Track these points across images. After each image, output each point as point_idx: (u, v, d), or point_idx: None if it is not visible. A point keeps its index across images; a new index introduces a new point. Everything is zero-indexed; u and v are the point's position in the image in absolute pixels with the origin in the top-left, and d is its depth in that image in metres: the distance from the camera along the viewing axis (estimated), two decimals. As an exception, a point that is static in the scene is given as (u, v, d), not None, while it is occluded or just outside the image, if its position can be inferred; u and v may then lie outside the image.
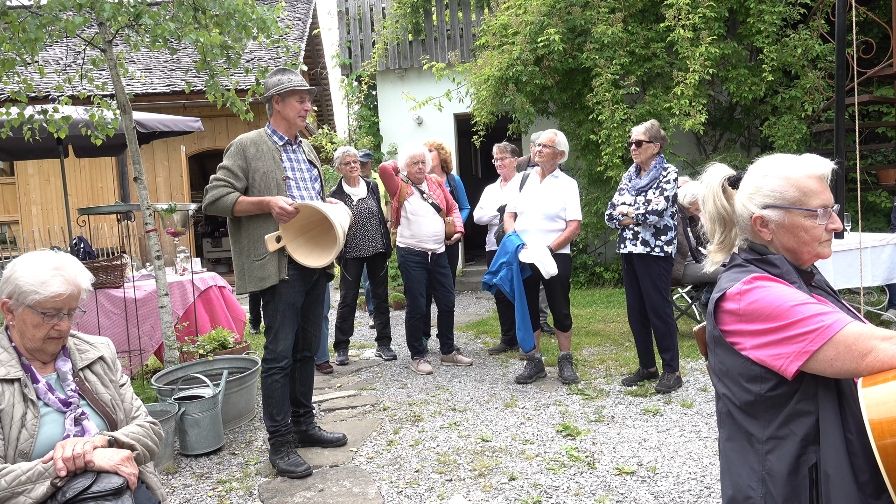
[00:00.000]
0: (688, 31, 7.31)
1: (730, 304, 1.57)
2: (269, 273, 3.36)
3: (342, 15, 10.71)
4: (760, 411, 1.55)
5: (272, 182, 3.39)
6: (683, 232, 5.75)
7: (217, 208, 3.36)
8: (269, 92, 3.47)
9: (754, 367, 1.53)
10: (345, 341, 5.77)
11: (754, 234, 1.65)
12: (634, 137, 4.52)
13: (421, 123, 10.33)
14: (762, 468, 1.54)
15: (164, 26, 3.96)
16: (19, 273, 2.05)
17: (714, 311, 1.62)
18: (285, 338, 3.47)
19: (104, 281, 4.76)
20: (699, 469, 3.29)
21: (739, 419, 1.60)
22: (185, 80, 5.94)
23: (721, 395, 1.66)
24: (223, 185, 3.34)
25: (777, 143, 7.73)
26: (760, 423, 1.55)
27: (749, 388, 1.55)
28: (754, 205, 1.63)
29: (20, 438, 1.94)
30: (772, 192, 1.61)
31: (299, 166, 3.57)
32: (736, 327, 1.56)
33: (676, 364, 4.57)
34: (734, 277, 1.61)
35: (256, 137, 3.47)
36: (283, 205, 3.25)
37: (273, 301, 3.44)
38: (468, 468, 3.42)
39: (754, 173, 1.66)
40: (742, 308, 1.54)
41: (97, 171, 10.87)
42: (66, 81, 4.74)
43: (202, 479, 3.46)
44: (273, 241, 3.30)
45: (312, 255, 3.43)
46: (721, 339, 1.61)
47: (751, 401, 1.55)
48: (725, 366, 1.61)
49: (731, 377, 1.60)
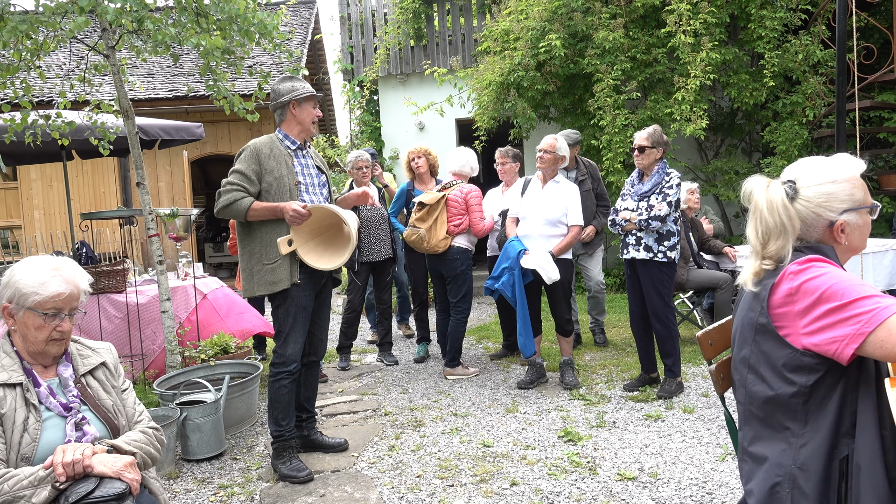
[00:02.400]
0: (689, 37, 7.32)
1: (784, 285, 1.56)
2: (280, 277, 3.37)
3: (344, 20, 10.74)
4: (800, 404, 1.54)
5: (285, 187, 3.41)
6: (685, 236, 5.75)
7: (230, 212, 3.37)
8: (284, 97, 3.49)
9: (804, 357, 1.52)
10: (348, 346, 5.77)
11: (827, 239, 1.65)
12: (637, 143, 4.52)
13: (423, 128, 10.35)
14: (793, 462, 1.54)
15: (166, 31, 3.97)
16: (18, 276, 2.07)
17: (767, 296, 1.60)
18: (295, 342, 3.47)
19: (106, 286, 4.77)
20: (701, 475, 3.28)
21: (775, 413, 1.59)
22: (188, 84, 5.96)
23: (752, 391, 1.64)
24: (237, 190, 3.35)
25: (778, 149, 7.74)
26: (798, 417, 1.54)
27: (793, 378, 1.54)
28: (833, 212, 1.62)
29: (22, 443, 1.94)
30: (847, 196, 1.62)
31: (309, 171, 3.61)
32: (788, 310, 1.55)
33: (678, 369, 4.57)
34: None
35: (269, 142, 3.49)
36: (296, 207, 3.28)
37: (284, 305, 3.44)
38: (470, 473, 3.42)
39: (816, 179, 1.64)
40: (796, 287, 1.53)
41: (100, 175, 10.89)
42: (70, 88, 4.76)
43: (204, 485, 3.46)
44: (285, 245, 3.32)
45: (324, 258, 3.45)
46: (768, 326, 1.58)
47: (793, 392, 1.54)
48: (768, 356, 1.59)
49: (773, 368, 1.58)
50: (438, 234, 5.08)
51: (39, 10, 4.00)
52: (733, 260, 5.98)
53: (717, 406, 4.27)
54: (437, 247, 5.08)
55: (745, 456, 1.69)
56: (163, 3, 4.46)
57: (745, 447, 1.69)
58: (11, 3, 4.03)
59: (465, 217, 5.18)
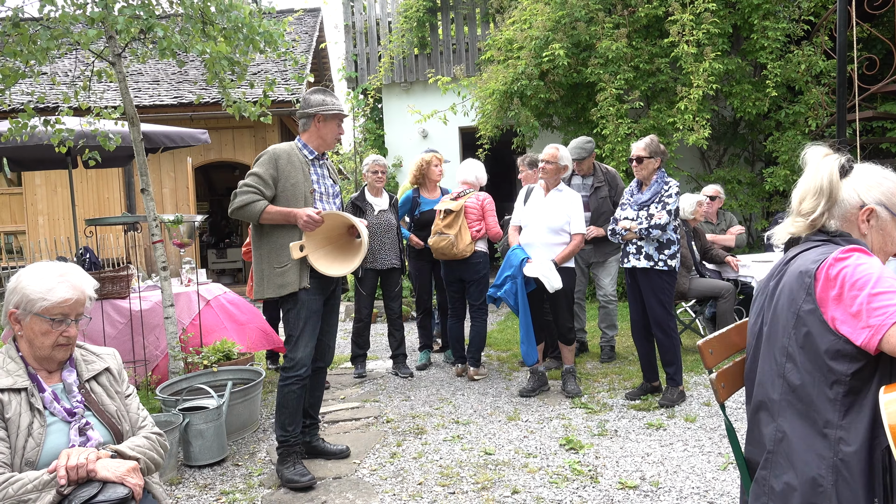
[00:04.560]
0: (692, 47, 7.36)
1: (832, 269, 1.57)
2: (289, 280, 3.40)
3: (349, 29, 10.80)
4: (840, 394, 1.54)
5: (300, 194, 3.46)
6: (687, 245, 5.76)
7: (244, 214, 3.40)
8: (312, 109, 3.53)
9: (847, 345, 1.52)
10: (362, 355, 5.74)
11: (850, 224, 1.69)
12: (634, 154, 4.55)
13: (426, 136, 10.38)
14: (834, 455, 1.53)
15: (172, 38, 4.01)
16: (25, 282, 2.08)
17: (812, 283, 1.61)
18: (305, 346, 3.49)
19: (110, 291, 4.79)
20: (702, 484, 3.28)
21: (814, 404, 1.58)
22: (194, 92, 5.99)
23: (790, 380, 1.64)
24: (252, 192, 3.39)
25: (781, 159, 7.76)
26: (837, 407, 1.54)
27: (834, 367, 1.54)
28: (870, 197, 1.68)
29: (27, 447, 1.95)
30: (890, 195, 1.68)
31: (324, 181, 3.66)
32: (828, 294, 1.56)
33: (680, 378, 4.57)
34: (826, 251, 1.62)
35: (289, 149, 3.53)
36: (310, 213, 3.33)
37: (295, 308, 3.46)
38: (471, 481, 3.42)
39: (874, 171, 1.72)
40: (836, 273, 1.55)
41: (104, 182, 10.94)
42: (74, 95, 4.79)
43: (206, 490, 3.46)
44: (297, 250, 3.36)
45: (334, 266, 3.51)
46: (814, 312, 1.59)
47: (832, 381, 1.54)
48: (811, 343, 1.59)
49: (815, 355, 1.58)
50: (465, 239, 5.24)
51: (52, 17, 4.04)
52: (735, 269, 5.99)
53: (719, 415, 4.26)
54: (464, 251, 5.22)
55: (777, 449, 1.66)
56: (169, 10, 4.51)
57: (777, 439, 1.66)
58: (22, 10, 4.08)
59: (482, 223, 5.36)
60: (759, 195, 8.48)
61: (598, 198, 5.58)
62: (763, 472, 1.69)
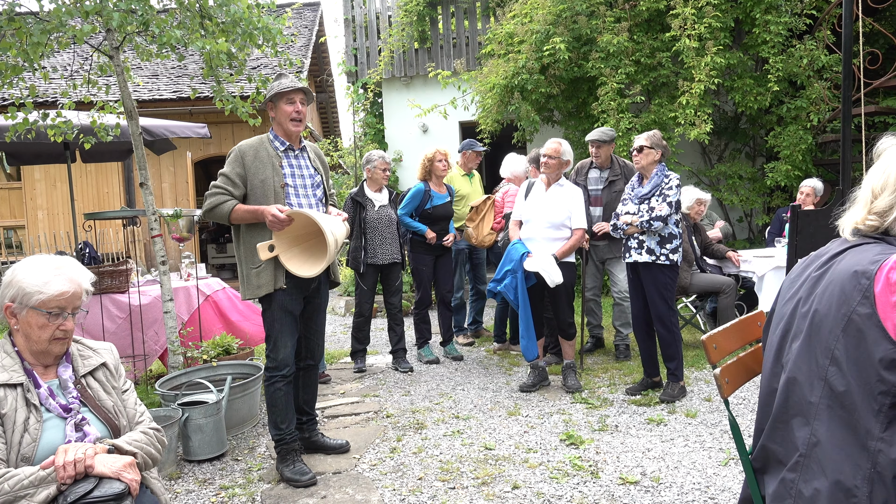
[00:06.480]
0: (693, 41, 7.32)
1: (893, 273, 1.46)
2: (264, 281, 3.36)
3: (349, 23, 10.76)
4: (885, 405, 1.46)
5: (270, 190, 3.37)
6: (688, 240, 5.75)
7: (215, 215, 3.37)
8: (267, 98, 3.48)
9: None
10: (362, 350, 5.73)
11: None
12: (636, 143, 4.55)
13: (426, 131, 10.35)
14: (872, 466, 1.47)
15: (171, 33, 3.98)
16: (21, 276, 2.06)
17: (871, 285, 1.50)
18: (284, 346, 3.46)
19: (109, 286, 4.77)
20: (703, 479, 3.27)
21: (856, 412, 1.51)
22: (192, 86, 5.97)
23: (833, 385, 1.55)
24: (221, 193, 3.35)
25: (782, 154, 7.72)
26: (881, 419, 1.47)
27: (887, 377, 1.45)
28: None
29: (23, 443, 1.94)
30: None
31: (301, 173, 3.52)
32: (893, 299, 1.45)
33: (681, 373, 4.56)
34: (884, 251, 1.53)
35: (257, 144, 3.44)
36: (275, 212, 3.22)
37: (270, 309, 3.43)
38: (471, 476, 3.41)
39: None
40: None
41: (103, 176, 10.92)
42: (72, 87, 4.76)
43: (205, 485, 3.45)
44: (265, 250, 3.26)
45: (306, 265, 3.37)
46: (871, 317, 1.49)
47: (880, 391, 1.46)
48: (864, 349, 1.50)
49: (866, 364, 1.49)
50: (483, 230, 6.05)
51: (46, 11, 4.01)
52: (737, 264, 5.97)
53: (720, 411, 4.25)
54: (482, 241, 6.06)
55: (811, 453, 1.59)
56: (168, 4, 4.48)
57: (812, 443, 1.59)
58: (18, 3, 4.05)
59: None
60: (760, 190, 8.45)
61: (613, 192, 5.44)
62: (791, 475, 1.63)
